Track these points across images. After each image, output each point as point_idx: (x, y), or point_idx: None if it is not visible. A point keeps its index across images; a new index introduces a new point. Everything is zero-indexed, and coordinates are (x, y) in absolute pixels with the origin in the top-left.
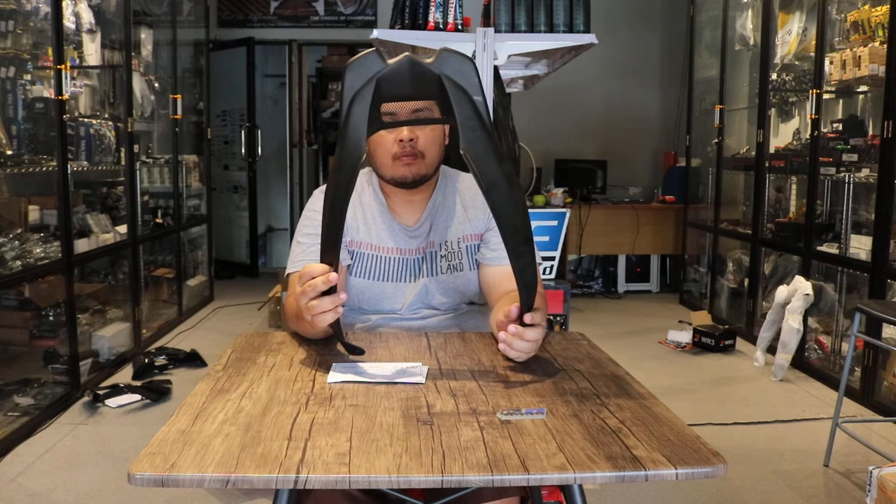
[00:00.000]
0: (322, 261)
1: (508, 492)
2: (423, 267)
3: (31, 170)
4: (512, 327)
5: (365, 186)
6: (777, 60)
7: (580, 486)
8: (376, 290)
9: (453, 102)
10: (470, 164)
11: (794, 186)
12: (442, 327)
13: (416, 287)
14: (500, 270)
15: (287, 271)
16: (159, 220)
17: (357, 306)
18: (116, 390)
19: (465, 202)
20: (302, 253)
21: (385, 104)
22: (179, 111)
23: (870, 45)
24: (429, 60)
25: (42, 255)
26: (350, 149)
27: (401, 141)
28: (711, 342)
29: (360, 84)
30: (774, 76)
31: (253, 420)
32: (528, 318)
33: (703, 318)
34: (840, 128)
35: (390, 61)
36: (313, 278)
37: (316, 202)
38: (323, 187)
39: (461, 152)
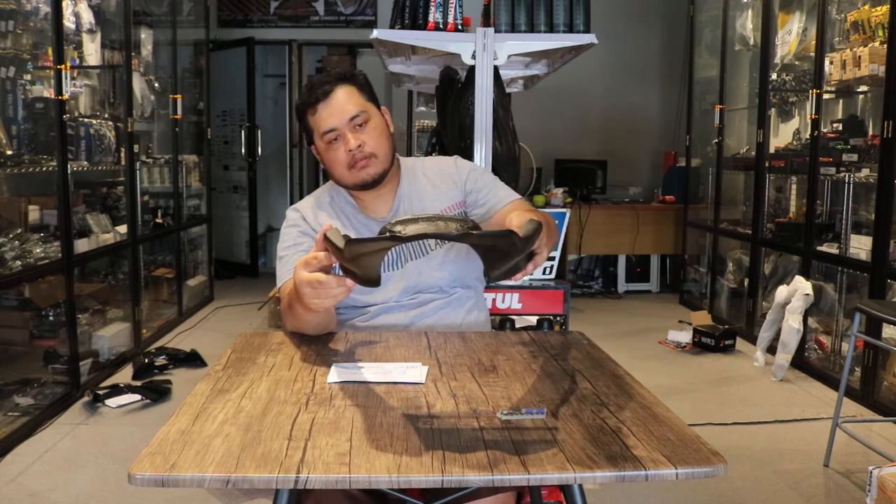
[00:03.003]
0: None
1: (504, 488)
2: (406, 252)
3: (31, 170)
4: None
5: (334, 196)
6: (777, 60)
7: (580, 486)
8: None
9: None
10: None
11: (794, 186)
12: (441, 314)
13: (404, 273)
14: (500, 214)
15: (279, 284)
16: (159, 220)
17: (350, 304)
18: (116, 390)
19: (434, 181)
20: (288, 264)
21: (323, 120)
22: (179, 111)
23: (870, 45)
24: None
25: (42, 255)
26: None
27: (350, 151)
28: (711, 342)
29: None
30: (774, 76)
31: (253, 420)
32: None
33: (703, 318)
34: (840, 128)
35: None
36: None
37: (289, 220)
38: (295, 205)
39: (485, 274)
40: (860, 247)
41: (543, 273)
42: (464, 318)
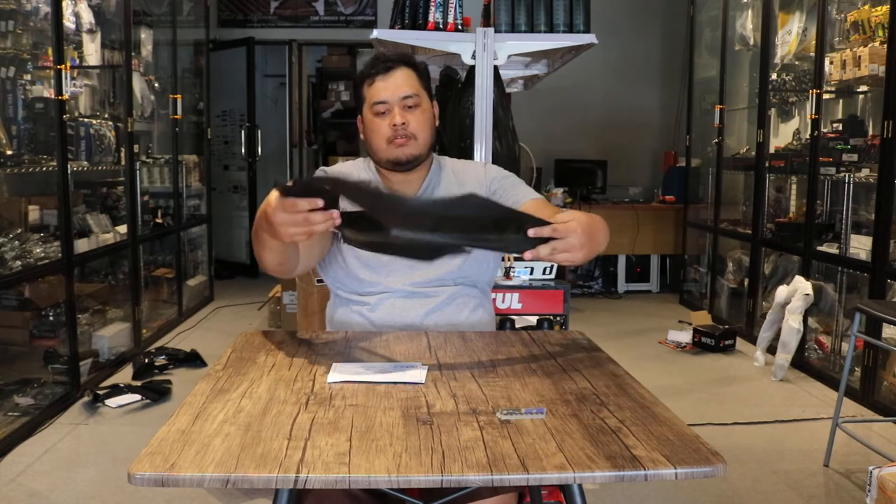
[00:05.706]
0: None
1: (505, 488)
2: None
3: (31, 170)
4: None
5: (364, 169)
6: (777, 60)
7: (580, 486)
8: (374, 257)
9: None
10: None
11: (794, 186)
12: (447, 309)
13: (413, 263)
14: (524, 206)
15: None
16: (159, 220)
17: (357, 277)
18: (116, 390)
19: (461, 179)
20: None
21: (377, 91)
22: (179, 111)
23: (870, 45)
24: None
25: (42, 255)
26: None
27: (394, 126)
28: (711, 342)
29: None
30: (774, 76)
31: (253, 420)
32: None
33: (703, 318)
34: (840, 128)
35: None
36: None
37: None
38: (324, 167)
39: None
40: (860, 247)
41: (543, 273)
42: (469, 315)
